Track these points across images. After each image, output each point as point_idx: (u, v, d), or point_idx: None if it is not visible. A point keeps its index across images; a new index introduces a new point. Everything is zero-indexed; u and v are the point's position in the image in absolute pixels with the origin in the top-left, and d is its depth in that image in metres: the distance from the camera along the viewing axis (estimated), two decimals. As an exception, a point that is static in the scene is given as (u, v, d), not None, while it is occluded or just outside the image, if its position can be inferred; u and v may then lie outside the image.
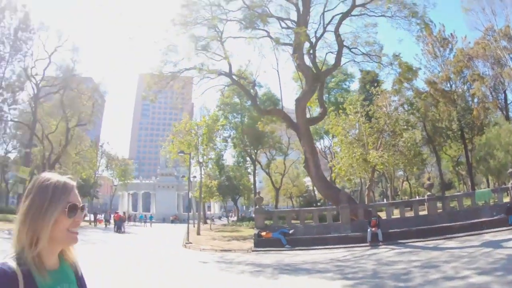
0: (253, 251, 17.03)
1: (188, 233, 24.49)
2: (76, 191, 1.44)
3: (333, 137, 27.66)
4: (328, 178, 32.17)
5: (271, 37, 24.61)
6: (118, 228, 32.00)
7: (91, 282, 1.59)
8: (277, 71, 39.00)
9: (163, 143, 38.48)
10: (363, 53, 24.43)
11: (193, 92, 32.15)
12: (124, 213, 43.83)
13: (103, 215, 42.46)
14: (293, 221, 21.31)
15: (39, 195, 1.35)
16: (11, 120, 42.67)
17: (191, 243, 21.01)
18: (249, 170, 51.17)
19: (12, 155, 51.42)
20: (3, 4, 36.18)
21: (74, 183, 1.45)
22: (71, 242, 1.42)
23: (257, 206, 21.35)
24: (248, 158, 48.80)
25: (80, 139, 47.24)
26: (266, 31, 24.50)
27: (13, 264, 1.23)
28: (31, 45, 38.33)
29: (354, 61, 25.53)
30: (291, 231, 18.43)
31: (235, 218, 54.42)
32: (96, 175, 56.37)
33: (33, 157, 47.04)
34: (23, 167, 36.62)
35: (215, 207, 78.58)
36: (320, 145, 47.29)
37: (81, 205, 1.42)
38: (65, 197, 1.37)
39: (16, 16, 37.36)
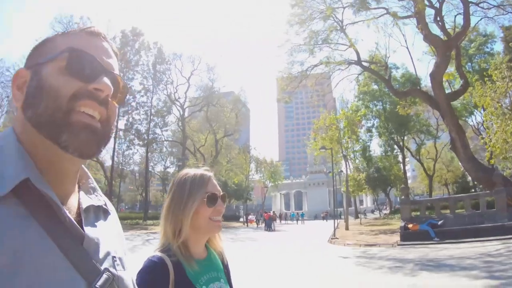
0: (398, 245, 15.87)
1: (335, 228, 24.21)
2: (214, 182, 1.49)
3: (483, 109, 23.94)
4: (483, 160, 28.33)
5: (389, 13, 22.70)
6: (268, 227, 33.37)
7: (235, 276, 1.64)
8: (407, 48, 35.89)
9: (307, 142, 39.36)
10: (495, 6, 20.88)
11: (328, 87, 32.09)
12: (273, 212, 45.85)
13: (254, 216, 45.14)
14: (443, 211, 19.08)
15: (179, 190, 1.44)
16: (165, 140, 49.18)
17: (337, 238, 20.76)
18: (399, 159, 48.07)
19: (171, 170, 59.84)
20: (137, 46, 42.27)
21: (210, 174, 1.50)
22: (214, 230, 1.47)
23: (403, 197, 19.85)
24: (395, 146, 45.90)
25: (229, 148, 51.50)
26: (383, 8, 22.79)
27: (163, 256, 1.32)
28: (169, 74, 44.30)
29: (487, 17, 22.11)
30: (440, 222, 16.58)
31: (387, 211, 51.17)
32: (248, 179, 60.18)
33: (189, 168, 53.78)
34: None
35: (367, 201, 76.22)
36: (472, 121, 41.56)
37: (220, 193, 1.46)
38: (202, 188, 1.43)
39: (151, 53, 43.45)
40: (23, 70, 0.70)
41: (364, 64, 25.35)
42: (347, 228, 27.93)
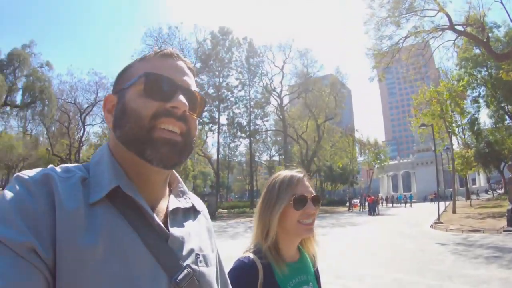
0: (504, 231, 14.15)
1: (440, 212, 22.45)
2: (306, 183, 1.48)
3: None
4: None
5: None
6: (372, 211, 32.59)
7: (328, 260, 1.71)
8: (501, 2, 31.01)
9: (410, 119, 37.23)
10: None
11: (425, 58, 29.74)
12: (378, 195, 44.27)
13: (358, 200, 44.21)
14: None
15: (269, 192, 1.47)
16: (267, 130, 50.68)
17: (441, 222, 19.38)
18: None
19: (276, 158, 61.74)
20: (227, 44, 43.80)
21: (300, 175, 1.48)
22: (303, 233, 1.45)
23: (510, 176, 17.66)
24: (506, 116, 40.38)
25: (332, 132, 51.04)
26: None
27: (253, 257, 1.37)
28: (262, 66, 45.39)
29: None
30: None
31: (502, 191, 45.20)
32: (353, 162, 58.92)
33: (293, 155, 54.75)
34: (278, 167, 42.98)
35: (480, 180, 68.38)
36: None
37: (312, 195, 1.44)
38: (290, 190, 1.42)
39: (242, 48, 44.74)
40: (111, 95, 0.82)
41: (458, 28, 22.86)
42: (454, 211, 25.98)
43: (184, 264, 0.76)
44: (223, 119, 45.00)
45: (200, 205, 0.96)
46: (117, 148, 0.78)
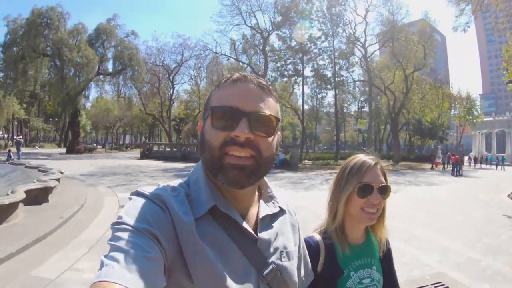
0: None
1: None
2: (378, 171, 1.45)
3: None
4: None
5: None
6: (456, 171, 30.64)
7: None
8: None
9: (504, 72, 33.08)
10: None
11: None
12: (463, 155, 40.08)
13: (441, 158, 40.96)
14: None
15: (340, 175, 1.50)
16: (353, 81, 49.54)
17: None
18: None
19: (366, 109, 60.99)
20: None
21: (372, 163, 1.46)
22: (364, 222, 1.45)
23: None
24: None
25: (421, 83, 47.83)
26: None
27: (318, 237, 1.45)
28: (344, 16, 43.04)
29: None
30: None
31: None
32: (443, 116, 55.05)
33: (381, 107, 53.37)
34: (360, 119, 41.92)
35: None
36: None
37: (380, 185, 1.42)
38: (357, 178, 1.42)
39: None
40: (200, 121, 0.96)
41: None
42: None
43: (270, 261, 0.92)
44: (307, 72, 44.54)
45: (287, 203, 1.10)
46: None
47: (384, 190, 1.43)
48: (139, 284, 0.65)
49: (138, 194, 0.86)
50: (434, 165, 38.10)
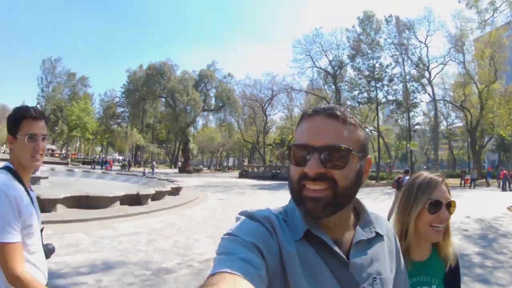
0: None
1: None
2: (443, 188, 1.50)
3: None
4: None
5: None
6: (504, 186, 29.74)
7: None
8: None
9: None
10: None
11: None
12: (510, 171, 37.01)
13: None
14: None
15: (407, 192, 1.54)
16: (420, 101, 50.91)
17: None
18: None
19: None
20: (374, 26, 46.71)
21: (439, 179, 1.50)
22: (432, 238, 1.48)
23: None
24: None
25: (495, 98, 45.05)
26: None
27: None
28: (409, 42, 46.22)
29: None
30: None
31: None
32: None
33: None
34: (413, 141, 43.04)
35: None
36: None
37: (447, 201, 1.46)
38: (427, 194, 1.46)
39: (390, 26, 47.00)
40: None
41: None
42: None
43: (362, 286, 0.91)
44: (381, 95, 48.10)
45: (387, 228, 1.09)
46: None
47: (451, 205, 1.49)
48: (248, 273, 0.72)
49: (247, 214, 0.93)
50: (464, 182, 35.67)
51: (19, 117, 1.73)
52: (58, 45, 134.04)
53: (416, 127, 50.81)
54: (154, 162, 48.64)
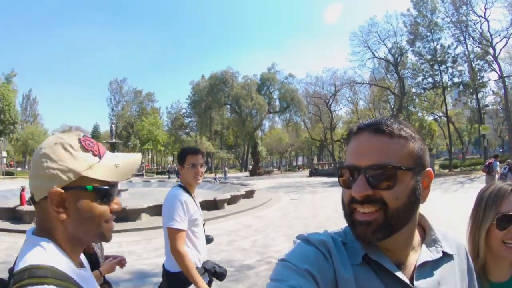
0: None
1: None
2: None
3: None
4: None
5: None
6: None
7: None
8: None
9: None
10: None
11: None
12: None
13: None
14: None
15: (477, 206, 1.40)
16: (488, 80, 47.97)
17: None
18: None
19: None
20: (430, 5, 44.66)
21: (509, 189, 1.35)
22: (506, 255, 1.31)
23: None
24: None
25: None
26: None
27: None
28: (469, 18, 43.22)
29: None
30: None
31: None
32: None
33: None
34: (484, 125, 39.93)
35: None
36: None
37: None
38: (494, 208, 1.32)
39: (446, 4, 44.16)
40: None
41: None
42: None
43: None
44: (446, 78, 45.64)
45: (457, 246, 0.99)
46: None
47: None
48: None
49: (304, 239, 0.90)
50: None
51: (185, 153, 2.84)
52: (122, 66, 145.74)
53: (486, 108, 47.84)
54: (226, 168, 50.37)
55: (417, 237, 0.93)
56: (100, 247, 2.60)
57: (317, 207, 15.12)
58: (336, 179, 0.92)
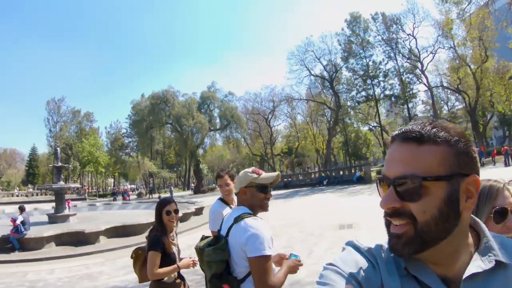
0: None
1: None
2: (506, 193, 1.39)
3: None
4: None
5: None
6: (507, 162, 29.60)
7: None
8: None
9: None
10: None
11: None
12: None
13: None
14: None
15: None
16: (417, 91, 52.71)
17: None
18: None
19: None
20: (362, 25, 48.61)
21: (500, 185, 1.40)
22: None
23: None
24: None
25: (489, 76, 45.08)
26: None
27: None
28: (398, 36, 47.82)
29: None
30: None
31: None
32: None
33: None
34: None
35: None
36: None
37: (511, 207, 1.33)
38: (490, 203, 1.36)
39: (378, 23, 48.65)
40: None
41: None
42: None
43: None
44: (378, 91, 50.02)
45: (509, 255, 0.84)
46: None
47: None
48: None
49: (353, 246, 0.89)
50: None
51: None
52: (60, 85, 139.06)
53: (417, 117, 52.28)
54: (172, 187, 50.28)
55: (470, 247, 0.85)
56: (178, 249, 3.38)
57: (265, 218, 15.74)
58: (280, 191, 1.34)
